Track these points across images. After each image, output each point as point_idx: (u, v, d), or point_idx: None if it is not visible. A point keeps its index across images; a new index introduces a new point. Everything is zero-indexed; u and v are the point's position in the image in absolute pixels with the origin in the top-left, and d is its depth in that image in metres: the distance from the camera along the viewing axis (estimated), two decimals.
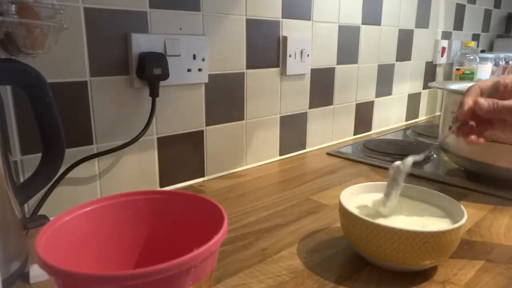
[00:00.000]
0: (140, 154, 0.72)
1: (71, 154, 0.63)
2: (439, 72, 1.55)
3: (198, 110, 0.79)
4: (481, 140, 0.52)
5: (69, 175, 0.63)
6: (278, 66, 0.91)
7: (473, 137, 0.52)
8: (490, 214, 0.66)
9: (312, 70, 1.00)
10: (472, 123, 0.53)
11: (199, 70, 0.76)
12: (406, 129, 1.31)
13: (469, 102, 0.52)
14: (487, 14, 1.81)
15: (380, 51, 1.21)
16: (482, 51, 1.74)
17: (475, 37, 1.76)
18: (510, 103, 0.49)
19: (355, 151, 1.03)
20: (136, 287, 0.27)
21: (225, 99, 0.83)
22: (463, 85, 0.91)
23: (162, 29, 0.70)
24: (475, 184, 0.78)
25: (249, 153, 0.91)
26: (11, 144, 0.57)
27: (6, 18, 0.44)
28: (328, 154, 1.01)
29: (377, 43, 1.19)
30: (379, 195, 0.56)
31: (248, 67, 0.85)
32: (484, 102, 0.50)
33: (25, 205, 0.61)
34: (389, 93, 1.30)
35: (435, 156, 0.98)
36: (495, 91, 0.52)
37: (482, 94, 0.54)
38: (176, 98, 0.75)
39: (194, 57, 0.75)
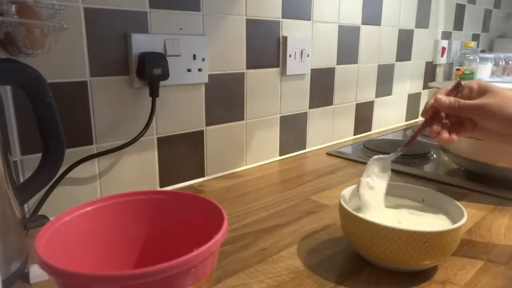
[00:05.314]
0: (140, 154, 0.72)
1: (71, 154, 0.63)
2: (439, 72, 1.55)
3: (198, 110, 0.79)
4: (454, 137, 0.52)
5: (69, 175, 0.63)
6: (278, 66, 0.91)
7: (444, 135, 0.52)
8: (490, 214, 0.66)
9: (312, 70, 1.00)
10: (445, 121, 0.54)
11: (199, 70, 0.76)
12: (406, 129, 1.31)
13: (431, 101, 0.54)
14: (487, 14, 1.81)
15: (380, 51, 1.21)
16: (482, 51, 1.74)
17: (475, 37, 1.76)
18: (472, 102, 0.51)
19: (355, 151, 1.03)
20: (136, 287, 0.27)
21: (225, 99, 0.83)
22: None
23: (162, 29, 0.70)
24: (475, 184, 0.78)
25: (249, 153, 0.91)
26: (11, 144, 0.57)
27: (6, 18, 0.44)
28: (328, 154, 1.01)
29: (377, 43, 1.19)
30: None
31: (248, 67, 0.85)
32: (444, 98, 0.52)
33: (25, 205, 0.61)
34: (389, 93, 1.30)
35: (435, 156, 0.98)
36: (461, 92, 0.54)
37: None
38: (176, 98, 0.75)
39: (194, 57, 0.74)
